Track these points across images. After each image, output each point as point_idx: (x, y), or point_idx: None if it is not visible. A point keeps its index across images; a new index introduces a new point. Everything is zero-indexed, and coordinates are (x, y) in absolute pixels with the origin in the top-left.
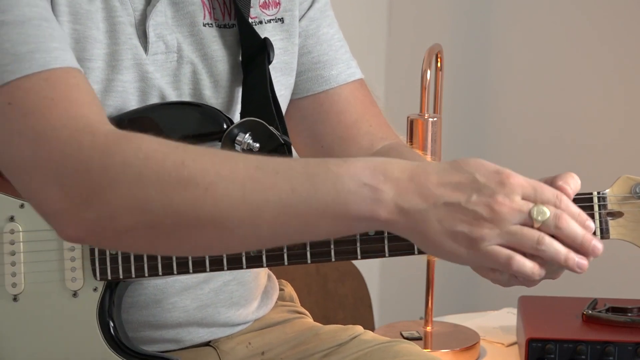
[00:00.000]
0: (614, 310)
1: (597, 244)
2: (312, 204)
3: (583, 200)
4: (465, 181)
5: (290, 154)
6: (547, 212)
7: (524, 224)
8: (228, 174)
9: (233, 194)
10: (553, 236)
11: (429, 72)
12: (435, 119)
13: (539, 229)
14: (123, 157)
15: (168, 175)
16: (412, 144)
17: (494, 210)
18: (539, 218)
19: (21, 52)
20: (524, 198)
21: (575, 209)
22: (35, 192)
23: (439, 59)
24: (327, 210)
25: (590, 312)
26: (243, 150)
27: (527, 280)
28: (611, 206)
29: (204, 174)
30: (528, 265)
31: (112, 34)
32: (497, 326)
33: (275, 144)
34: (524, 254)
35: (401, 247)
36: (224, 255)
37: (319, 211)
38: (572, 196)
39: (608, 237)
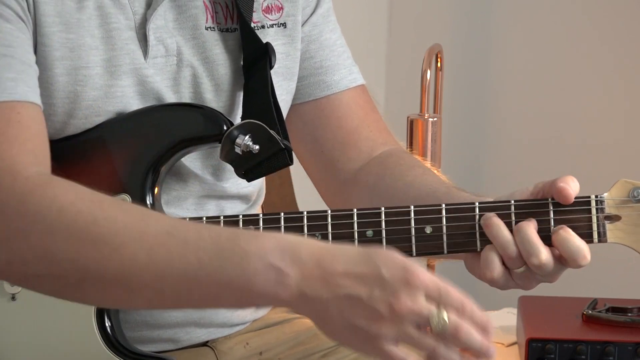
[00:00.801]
0: (614, 310)
1: (492, 352)
2: (216, 278)
3: (581, 204)
4: (370, 275)
5: (290, 158)
6: (446, 322)
7: (423, 326)
8: (138, 237)
9: (139, 258)
10: None
11: (429, 72)
12: (435, 119)
13: (436, 334)
14: (37, 207)
15: (78, 232)
16: (411, 149)
17: (393, 310)
18: (438, 328)
19: None
20: (428, 298)
21: (479, 315)
22: None
23: (439, 59)
24: (231, 284)
25: (590, 312)
26: (242, 152)
27: (524, 282)
28: (609, 210)
29: (114, 235)
30: None
31: (108, 40)
32: (497, 326)
33: (275, 148)
34: None
35: (400, 248)
36: None
37: (224, 285)
38: (573, 198)
39: (605, 241)
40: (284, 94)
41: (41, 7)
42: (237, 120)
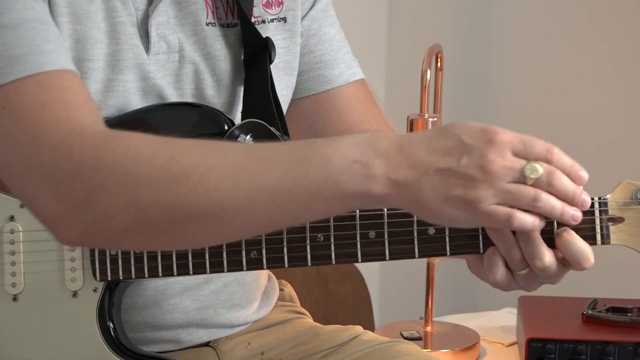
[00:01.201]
0: (614, 310)
1: (586, 198)
2: (304, 187)
3: None
4: (453, 145)
5: None
6: (539, 169)
7: (517, 182)
8: (217, 164)
9: (224, 184)
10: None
11: (429, 72)
12: (435, 119)
13: (532, 185)
14: (113, 158)
15: (159, 172)
16: None
17: (486, 171)
18: (532, 176)
19: (15, 55)
20: (514, 154)
21: (567, 160)
22: (30, 197)
23: (439, 59)
24: (320, 191)
25: (590, 312)
26: None
27: (527, 284)
28: (612, 212)
29: (194, 167)
30: (529, 220)
31: (113, 34)
32: (497, 326)
33: None
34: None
35: (402, 250)
36: (224, 257)
37: (312, 193)
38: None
39: (609, 243)
40: (285, 88)
41: None
42: (238, 115)
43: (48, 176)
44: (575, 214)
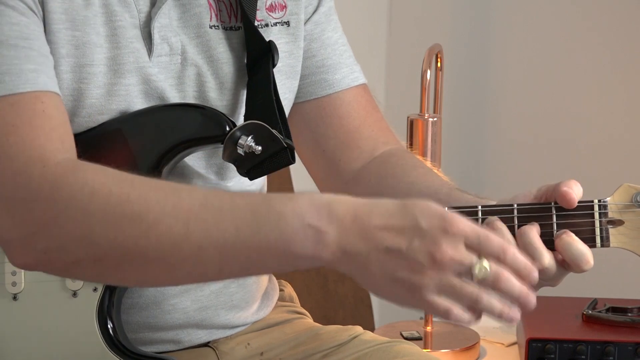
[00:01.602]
0: (614, 310)
1: (531, 299)
2: (255, 243)
3: (584, 208)
4: (408, 226)
5: (292, 157)
6: (487, 270)
7: (463, 275)
8: (171, 210)
9: (176, 231)
10: None
11: (429, 72)
12: (435, 119)
13: (478, 282)
14: (69, 192)
15: (113, 211)
16: (412, 148)
17: (434, 259)
18: (479, 276)
19: None
20: (467, 246)
21: (521, 261)
22: None
23: (439, 59)
24: (271, 248)
25: (590, 312)
26: (245, 153)
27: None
28: (612, 214)
29: (148, 211)
30: (466, 317)
31: (113, 38)
32: (497, 326)
33: (277, 147)
34: None
35: None
36: None
37: (263, 250)
38: (576, 202)
39: (608, 246)
40: (287, 92)
41: (49, 3)
42: (240, 118)
43: (6, 201)
44: (513, 317)
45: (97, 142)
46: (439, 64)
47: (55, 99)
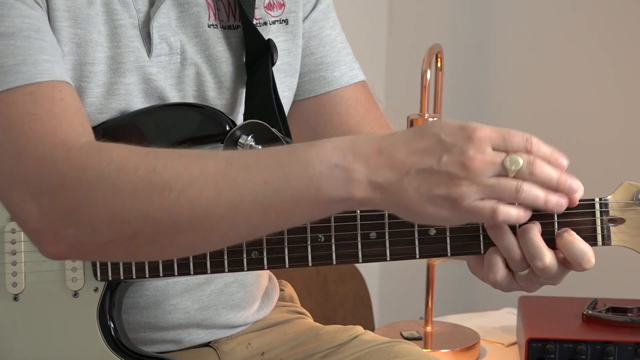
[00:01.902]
0: (614, 310)
1: (573, 183)
2: (286, 193)
3: (585, 207)
4: (433, 144)
5: None
6: (519, 160)
7: (499, 175)
8: (199, 175)
9: (207, 194)
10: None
11: (429, 72)
12: (435, 119)
13: (514, 177)
14: (96, 171)
15: (142, 184)
16: None
17: (466, 167)
18: (513, 168)
19: (8, 64)
20: (494, 148)
21: (546, 149)
22: (16, 209)
23: (439, 59)
24: (302, 197)
25: (590, 312)
26: None
27: (527, 284)
28: (613, 212)
29: (176, 179)
30: (513, 212)
31: (114, 37)
32: (497, 326)
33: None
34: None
35: (403, 251)
36: (225, 257)
37: (294, 199)
38: (577, 201)
39: (609, 244)
40: (286, 90)
41: (52, 1)
42: (240, 117)
43: (33, 189)
44: (559, 200)
45: None
46: (439, 64)
47: (71, 88)
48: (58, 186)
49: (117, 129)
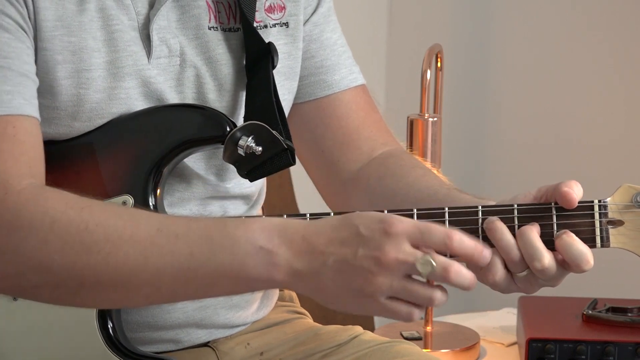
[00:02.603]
0: (614, 310)
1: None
2: (210, 267)
3: (584, 209)
4: (351, 236)
5: (293, 159)
6: (432, 264)
7: (413, 274)
8: (129, 239)
9: (134, 259)
10: None
11: (429, 72)
12: (435, 119)
13: (428, 277)
14: (30, 220)
15: (72, 241)
16: (412, 150)
17: (381, 263)
18: (424, 272)
19: None
20: (412, 244)
21: (468, 245)
22: None
23: (439, 59)
24: (225, 272)
25: (590, 312)
26: (245, 153)
27: (526, 286)
28: (612, 215)
29: (106, 240)
30: (417, 314)
31: (110, 42)
32: (497, 326)
33: (278, 149)
34: None
35: None
36: None
37: (218, 273)
38: (576, 202)
39: (608, 246)
40: (286, 93)
41: (42, 12)
42: (240, 120)
43: None
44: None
45: (97, 145)
46: (439, 64)
47: (29, 122)
48: None
49: (118, 131)
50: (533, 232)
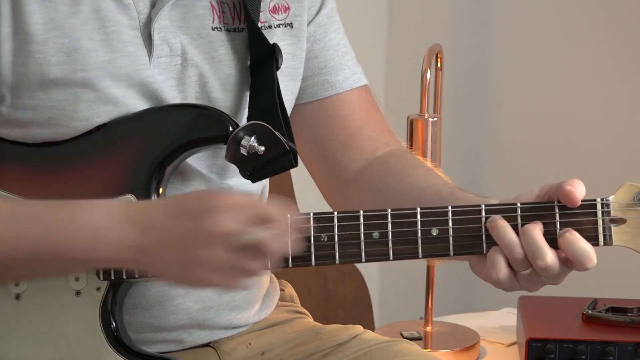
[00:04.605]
0: (614, 310)
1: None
2: (42, 247)
3: (587, 207)
4: (179, 211)
5: (295, 160)
6: (252, 238)
7: (241, 245)
8: None
9: None
10: None
11: (429, 72)
12: (435, 119)
13: (248, 249)
14: None
15: None
16: (412, 149)
17: (203, 236)
18: (245, 242)
19: None
20: (236, 218)
21: (284, 220)
22: None
23: (439, 59)
24: (55, 253)
25: (590, 312)
26: (248, 153)
27: (529, 284)
28: (614, 213)
29: None
30: (249, 283)
31: (107, 42)
32: (497, 326)
33: (280, 150)
34: None
35: (406, 250)
36: None
37: (48, 254)
38: (579, 201)
39: (611, 244)
40: (289, 94)
41: (33, 16)
42: (243, 120)
43: None
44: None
45: (99, 144)
46: (439, 64)
47: None
48: None
49: (120, 130)
50: (536, 230)
